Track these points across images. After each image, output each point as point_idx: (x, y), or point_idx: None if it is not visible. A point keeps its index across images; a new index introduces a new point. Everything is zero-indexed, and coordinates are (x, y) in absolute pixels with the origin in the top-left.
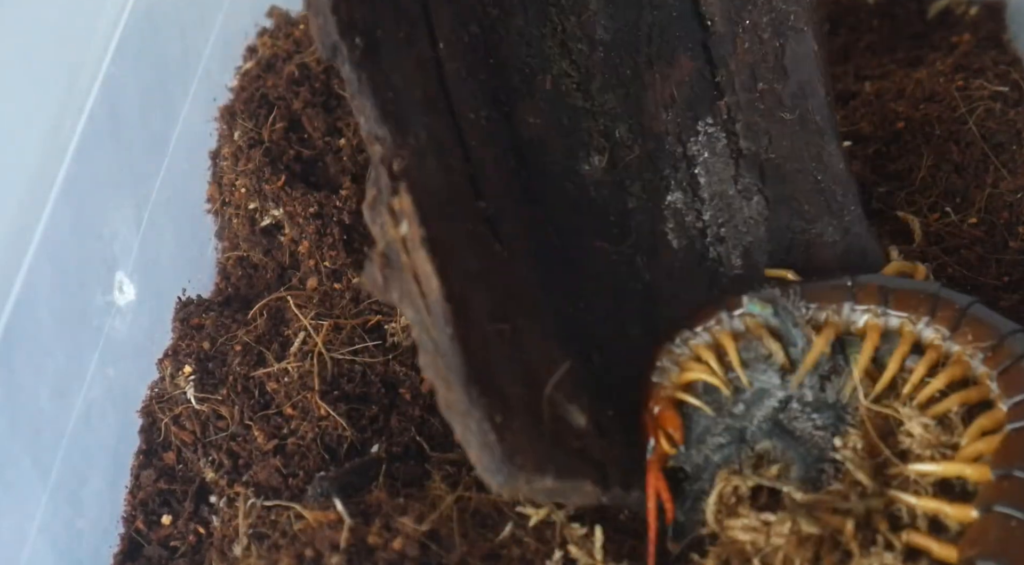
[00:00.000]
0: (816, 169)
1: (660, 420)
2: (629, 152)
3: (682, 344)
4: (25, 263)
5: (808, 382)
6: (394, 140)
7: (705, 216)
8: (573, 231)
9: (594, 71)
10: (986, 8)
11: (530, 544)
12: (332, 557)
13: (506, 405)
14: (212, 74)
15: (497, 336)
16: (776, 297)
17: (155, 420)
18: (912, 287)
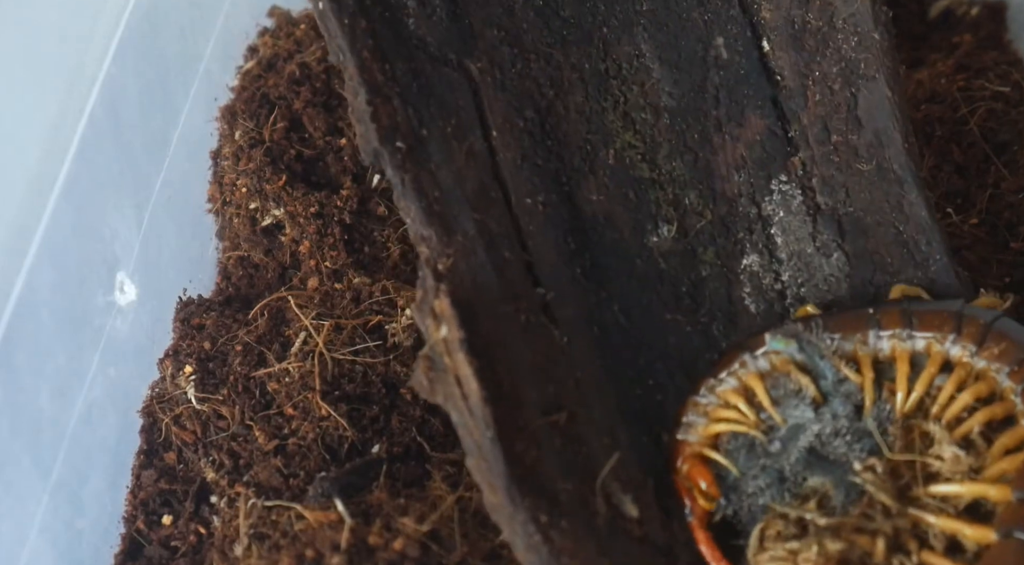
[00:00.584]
0: (897, 220)
1: (690, 477)
2: (700, 218)
3: (707, 393)
4: (26, 263)
5: (842, 411)
6: (439, 240)
7: (784, 277)
8: (642, 307)
9: (660, 140)
10: (987, 8)
11: None
12: (333, 557)
13: (553, 503)
14: (213, 74)
15: (549, 429)
16: (798, 331)
17: (156, 420)
18: (934, 306)
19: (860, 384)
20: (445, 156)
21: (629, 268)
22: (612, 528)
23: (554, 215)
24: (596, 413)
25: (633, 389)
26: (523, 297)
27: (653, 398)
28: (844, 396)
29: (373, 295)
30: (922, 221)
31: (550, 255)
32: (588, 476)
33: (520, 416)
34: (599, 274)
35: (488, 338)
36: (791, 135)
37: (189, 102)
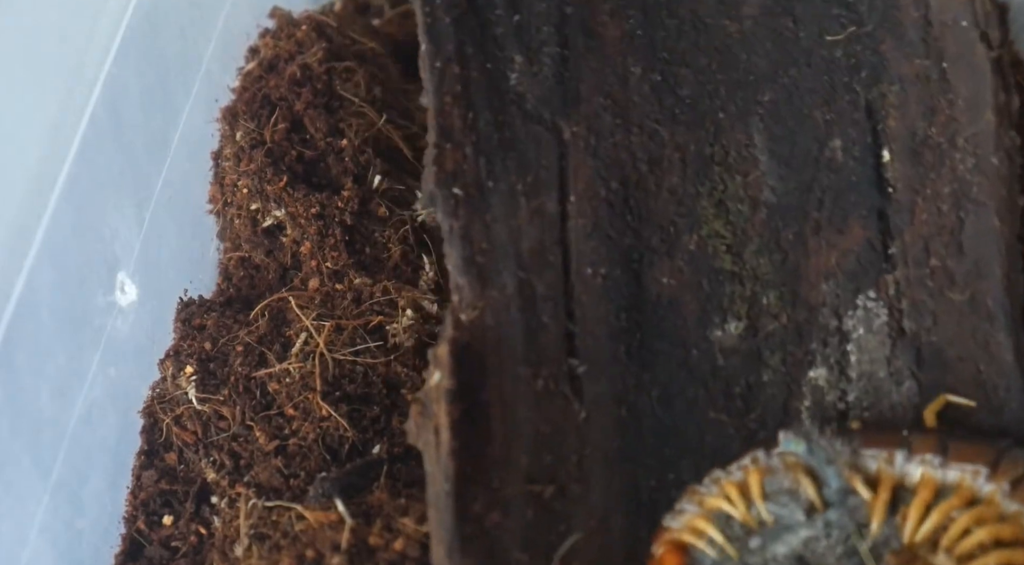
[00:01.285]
0: (980, 358)
1: (660, 560)
2: (774, 321)
3: (710, 483)
4: (26, 263)
5: (836, 523)
6: (471, 290)
7: (850, 397)
8: (686, 399)
9: (751, 234)
10: None
11: None
12: (333, 558)
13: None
14: (214, 75)
15: (527, 498)
16: (811, 432)
17: (156, 420)
18: (979, 440)
19: (869, 501)
20: (506, 211)
21: (682, 357)
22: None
23: (613, 289)
24: (594, 495)
25: (648, 479)
26: (548, 363)
27: (668, 493)
28: (846, 509)
29: (374, 296)
30: (1006, 365)
31: (597, 328)
32: (551, 553)
33: (497, 478)
34: (647, 357)
35: (494, 396)
36: (891, 251)
37: (190, 102)
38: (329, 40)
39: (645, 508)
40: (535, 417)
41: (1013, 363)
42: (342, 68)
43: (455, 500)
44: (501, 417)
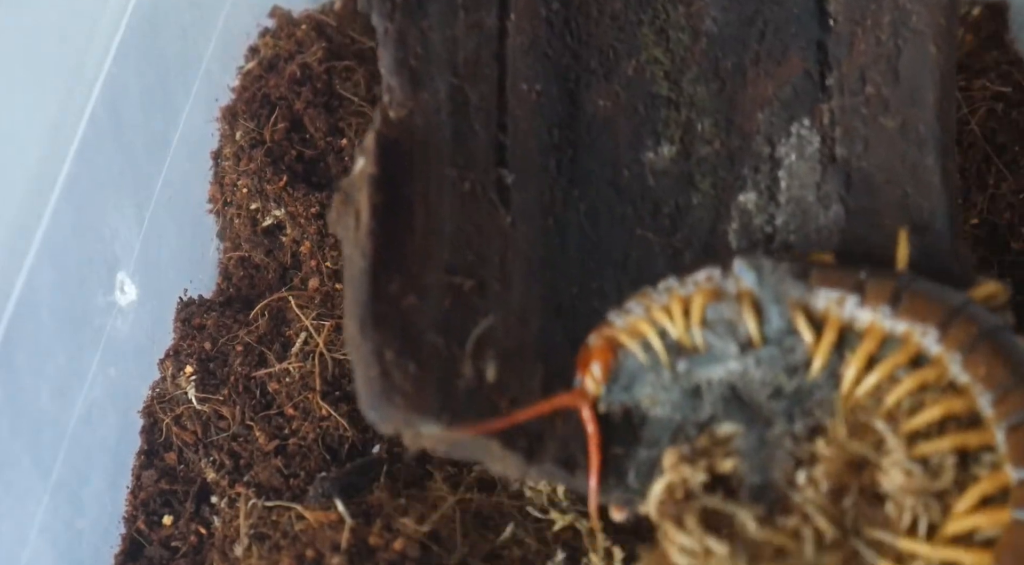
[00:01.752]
0: (908, 182)
1: (591, 353)
2: (708, 146)
3: (663, 291)
4: (26, 263)
5: (769, 362)
6: (403, 91)
7: (777, 221)
8: (613, 216)
9: (690, 62)
10: (988, 9)
11: (531, 545)
12: (333, 558)
13: (409, 347)
14: (214, 74)
15: (445, 288)
16: (763, 265)
17: (156, 420)
18: (934, 295)
19: (810, 344)
20: (443, 20)
21: (613, 176)
22: (473, 397)
23: (548, 106)
24: (514, 294)
25: (570, 288)
26: (477, 169)
27: (589, 302)
28: (781, 350)
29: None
30: (932, 188)
31: (528, 142)
32: (466, 340)
33: (416, 266)
34: (577, 173)
35: (418, 191)
36: (828, 82)
37: (190, 102)
38: (329, 39)
39: (565, 314)
40: (459, 216)
41: (939, 186)
42: (342, 67)
43: (370, 278)
44: (424, 212)
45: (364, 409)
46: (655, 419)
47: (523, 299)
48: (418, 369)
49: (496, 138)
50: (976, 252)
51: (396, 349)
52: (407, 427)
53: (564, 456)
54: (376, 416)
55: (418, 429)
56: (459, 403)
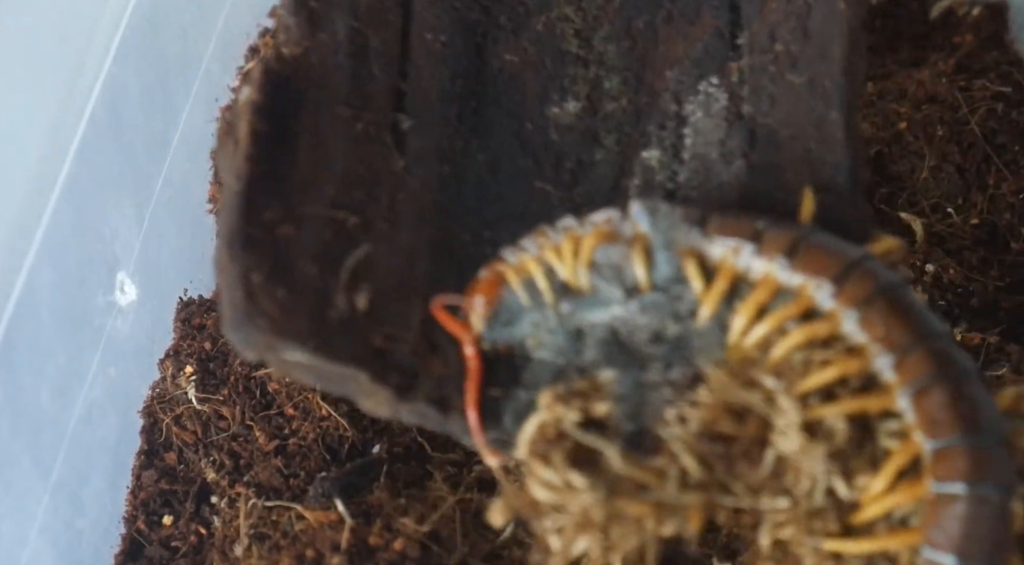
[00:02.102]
0: (812, 137)
1: (477, 286)
2: (614, 103)
3: (560, 230)
4: (26, 263)
5: (653, 309)
6: (299, 30)
7: (679, 177)
8: (514, 167)
9: (602, 21)
10: (988, 9)
11: (532, 545)
12: (333, 558)
13: (281, 273)
14: (214, 74)
15: (327, 221)
16: (658, 209)
17: (156, 420)
18: (832, 248)
19: (699, 292)
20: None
21: (516, 128)
22: (345, 327)
23: (452, 57)
24: (402, 236)
25: (463, 235)
26: (372, 111)
27: (482, 250)
28: (668, 297)
29: None
30: (836, 143)
31: (429, 89)
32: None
33: (297, 197)
34: (479, 123)
35: (307, 126)
36: (739, 41)
37: (190, 102)
38: None
39: (456, 260)
40: (350, 155)
41: (843, 140)
42: None
43: (243, 201)
44: (311, 147)
45: (226, 331)
46: (538, 362)
47: (411, 241)
48: (287, 295)
49: (395, 84)
50: (976, 252)
51: (265, 273)
52: (270, 352)
53: (438, 396)
54: (238, 338)
55: (282, 355)
56: (329, 333)
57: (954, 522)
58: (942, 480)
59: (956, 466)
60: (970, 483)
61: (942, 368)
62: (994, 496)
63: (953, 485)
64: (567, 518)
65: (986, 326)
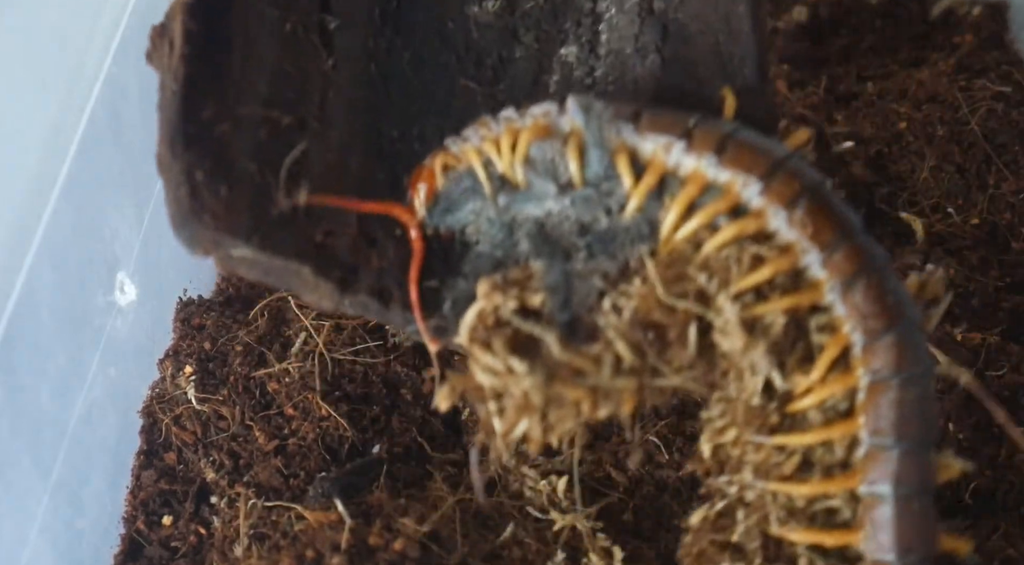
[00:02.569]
0: (720, 31)
1: (422, 175)
2: (531, 2)
3: (500, 121)
4: (26, 263)
5: (583, 203)
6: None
7: (597, 73)
8: (437, 65)
9: None
10: (988, 8)
11: (531, 545)
12: (333, 558)
13: (221, 169)
14: None
15: (261, 120)
16: (592, 106)
17: (156, 420)
18: (759, 147)
19: (630, 188)
20: None
21: (438, 27)
22: (286, 223)
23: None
24: (333, 133)
25: (391, 130)
26: (299, 11)
27: (410, 145)
28: (598, 193)
29: None
30: (743, 36)
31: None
32: (277, 168)
33: (232, 97)
34: (401, 22)
35: (237, 27)
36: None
37: None
38: None
39: (386, 154)
40: (280, 55)
41: (749, 33)
42: None
43: (181, 100)
44: (242, 47)
45: (173, 229)
46: (477, 253)
47: (344, 138)
48: (229, 192)
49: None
50: (976, 252)
51: (207, 171)
52: (216, 247)
53: (379, 288)
54: (185, 235)
55: (228, 250)
56: (272, 228)
57: (889, 408)
58: (874, 370)
59: (887, 356)
60: (901, 370)
61: (866, 263)
62: (920, 378)
63: (884, 373)
64: (509, 401)
65: (986, 326)
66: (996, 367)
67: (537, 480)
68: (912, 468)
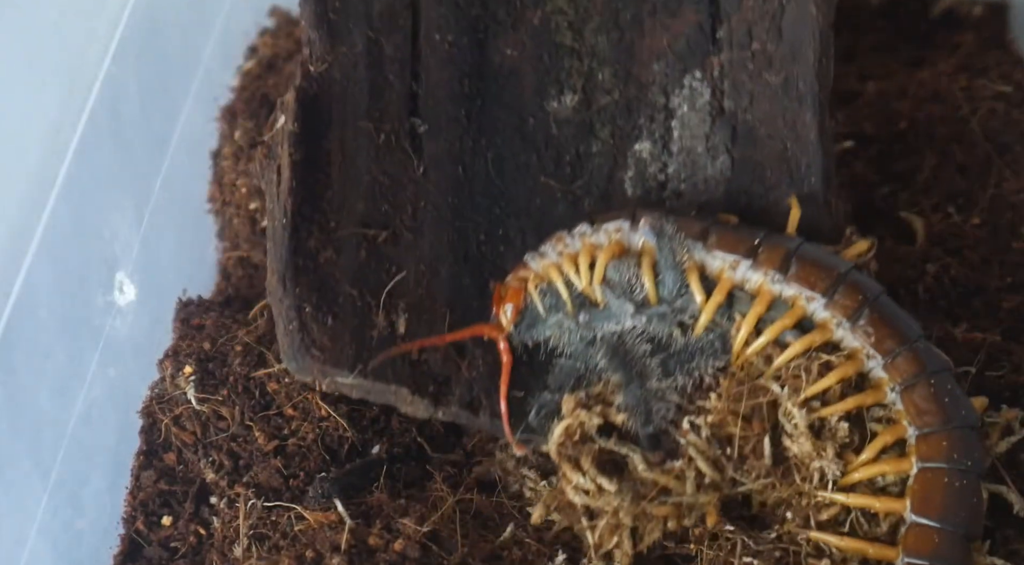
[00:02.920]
0: (788, 136)
1: (507, 292)
2: (607, 96)
3: (576, 236)
4: (25, 263)
5: (659, 320)
6: (322, 45)
7: (669, 169)
8: (518, 164)
9: (592, 12)
10: (989, 8)
11: (531, 545)
12: (333, 558)
13: (327, 300)
14: (213, 74)
15: (360, 240)
16: (664, 229)
17: (155, 421)
18: (822, 262)
19: (703, 302)
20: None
21: (519, 125)
22: (385, 346)
23: (459, 56)
24: (425, 243)
25: (477, 234)
26: (391, 120)
27: (495, 248)
28: (674, 309)
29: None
30: (809, 143)
31: (440, 91)
32: (380, 291)
33: (333, 220)
34: (485, 122)
35: (335, 145)
36: (718, 35)
37: (189, 102)
38: None
39: (472, 260)
40: (374, 168)
41: (816, 141)
42: None
43: (291, 234)
44: (341, 165)
45: (284, 360)
46: (559, 365)
47: (433, 248)
48: (334, 322)
49: (410, 88)
50: (977, 252)
51: (314, 303)
52: (324, 377)
53: (469, 399)
54: (295, 367)
55: (335, 378)
56: (372, 352)
57: (936, 492)
58: (926, 459)
59: (939, 447)
60: (950, 461)
61: (926, 367)
62: (968, 472)
63: (936, 462)
64: (601, 520)
65: (987, 326)
66: (996, 367)
67: (537, 481)
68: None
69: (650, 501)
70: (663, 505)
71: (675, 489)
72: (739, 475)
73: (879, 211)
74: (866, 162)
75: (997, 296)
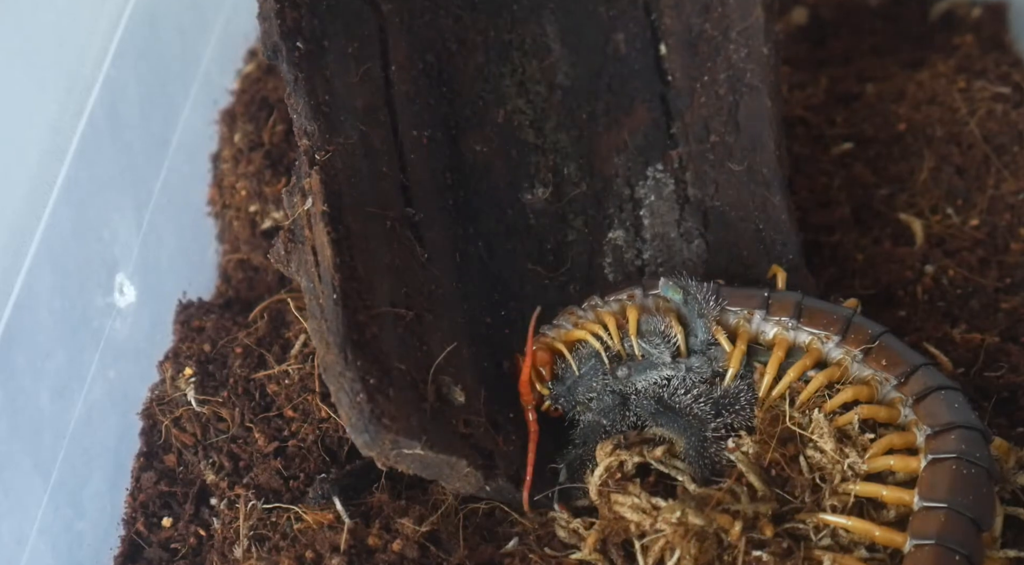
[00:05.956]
0: (759, 219)
1: (533, 359)
2: (576, 188)
3: (588, 309)
4: (25, 265)
5: (697, 369)
6: (322, 135)
7: (645, 255)
8: (506, 252)
9: (550, 112)
10: (988, 10)
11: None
12: (332, 559)
13: (385, 373)
14: (212, 76)
15: (394, 318)
16: (688, 285)
17: (156, 422)
18: (827, 308)
19: (730, 354)
20: (341, 69)
21: (499, 215)
22: (437, 417)
23: (437, 151)
24: (444, 325)
25: (484, 317)
26: (392, 208)
27: (502, 330)
28: (707, 358)
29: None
30: (781, 223)
31: (427, 183)
32: (423, 367)
33: (368, 298)
34: (469, 212)
35: (351, 230)
36: (673, 131)
37: (189, 104)
38: None
39: (484, 341)
40: (389, 252)
41: (787, 220)
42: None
43: (344, 309)
44: (361, 248)
45: (354, 434)
46: (584, 422)
47: (451, 330)
48: (396, 393)
49: (400, 179)
50: (975, 253)
51: (376, 375)
52: (393, 448)
53: (513, 472)
54: (367, 439)
55: (402, 449)
56: (432, 426)
57: (944, 478)
58: (935, 452)
59: (947, 440)
60: (959, 451)
61: (937, 382)
62: (977, 463)
63: (945, 453)
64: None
65: (986, 327)
66: (995, 368)
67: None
68: (958, 528)
69: (713, 507)
70: (725, 513)
71: (729, 502)
72: (786, 494)
73: (878, 213)
74: (865, 164)
75: (995, 297)
